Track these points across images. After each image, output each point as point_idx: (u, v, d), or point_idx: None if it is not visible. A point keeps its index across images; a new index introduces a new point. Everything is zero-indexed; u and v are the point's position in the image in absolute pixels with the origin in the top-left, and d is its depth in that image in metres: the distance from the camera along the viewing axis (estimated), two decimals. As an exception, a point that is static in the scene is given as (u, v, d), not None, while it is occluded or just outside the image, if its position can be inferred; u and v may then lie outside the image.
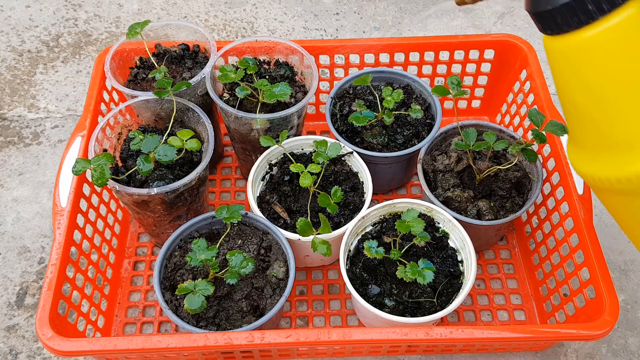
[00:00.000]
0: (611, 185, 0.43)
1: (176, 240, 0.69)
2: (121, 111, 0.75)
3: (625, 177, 0.42)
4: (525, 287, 0.79)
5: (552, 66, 0.45)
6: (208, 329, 0.64)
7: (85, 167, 0.64)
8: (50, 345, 0.58)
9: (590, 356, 0.73)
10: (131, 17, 1.13)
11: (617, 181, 0.42)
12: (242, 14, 1.14)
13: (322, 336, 0.59)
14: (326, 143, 0.74)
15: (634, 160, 0.41)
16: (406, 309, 0.67)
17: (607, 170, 0.43)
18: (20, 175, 0.90)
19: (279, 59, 0.82)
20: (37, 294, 0.78)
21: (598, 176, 0.44)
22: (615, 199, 0.46)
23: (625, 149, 0.42)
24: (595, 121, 0.44)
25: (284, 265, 0.68)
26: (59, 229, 0.67)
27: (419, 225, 0.67)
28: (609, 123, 0.43)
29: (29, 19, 1.12)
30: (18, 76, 1.03)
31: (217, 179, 0.90)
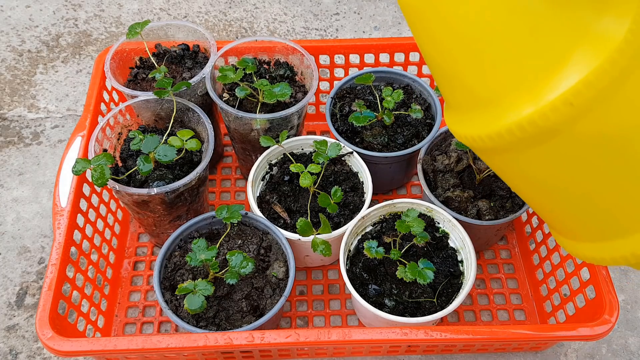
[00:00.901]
0: (485, 144, 0.41)
1: (176, 240, 0.69)
2: (121, 111, 0.75)
3: (496, 133, 0.40)
4: (525, 287, 0.79)
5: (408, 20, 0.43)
6: (208, 329, 0.64)
7: (85, 167, 0.64)
8: (50, 345, 0.58)
9: (590, 356, 0.73)
10: (131, 17, 1.13)
11: (489, 138, 0.41)
12: (242, 14, 1.14)
13: (322, 336, 0.59)
14: (326, 143, 0.74)
15: (501, 114, 0.39)
16: (406, 309, 0.67)
17: (478, 128, 0.42)
18: (20, 175, 0.90)
19: (279, 59, 0.82)
20: (37, 294, 0.78)
21: (471, 135, 0.43)
22: (495, 158, 0.44)
23: (492, 104, 0.40)
24: (457, 78, 0.42)
25: (284, 265, 0.68)
26: (59, 229, 0.67)
27: (419, 225, 0.67)
28: (471, 78, 0.41)
29: (29, 19, 1.12)
30: (18, 76, 1.03)
31: (217, 179, 0.90)
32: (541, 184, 0.44)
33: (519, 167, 0.43)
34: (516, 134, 0.38)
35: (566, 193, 0.43)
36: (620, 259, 0.45)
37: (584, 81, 0.35)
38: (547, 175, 0.42)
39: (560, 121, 0.37)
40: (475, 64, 0.40)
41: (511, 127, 0.38)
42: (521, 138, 0.38)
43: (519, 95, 0.38)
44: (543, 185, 0.44)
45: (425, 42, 0.43)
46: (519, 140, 0.39)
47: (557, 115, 0.36)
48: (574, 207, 0.44)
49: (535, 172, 0.42)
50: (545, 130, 0.37)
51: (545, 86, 0.37)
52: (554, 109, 0.36)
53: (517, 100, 0.38)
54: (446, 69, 0.43)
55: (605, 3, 0.37)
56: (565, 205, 0.45)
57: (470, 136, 0.43)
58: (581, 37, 0.36)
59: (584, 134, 0.37)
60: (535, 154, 0.40)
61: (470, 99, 0.42)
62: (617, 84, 0.36)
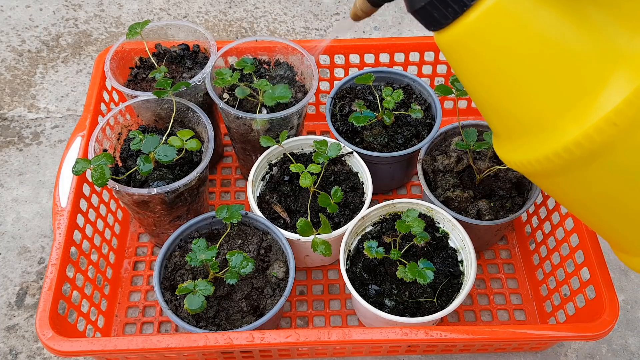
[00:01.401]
0: (534, 168, 0.43)
1: (176, 240, 0.69)
2: (121, 111, 0.75)
3: (544, 157, 0.41)
4: (525, 287, 0.79)
5: (449, 62, 0.44)
6: (208, 329, 0.64)
7: (85, 167, 0.64)
8: (50, 345, 0.58)
9: (590, 356, 0.73)
10: (131, 17, 1.13)
11: (538, 162, 0.42)
12: (242, 14, 1.14)
13: (322, 336, 0.59)
14: (326, 143, 0.74)
15: (548, 139, 0.41)
16: (406, 309, 0.67)
17: (527, 154, 0.43)
18: (20, 175, 0.90)
19: (279, 59, 0.82)
20: (37, 294, 0.78)
21: (521, 161, 0.44)
22: (547, 181, 0.46)
23: (539, 130, 0.41)
24: (502, 109, 0.44)
25: (284, 265, 0.68)
26: (59, 229, 0.67)
27: (419, 225, 0.67)
28: (514, 107, 0.42)
29: (29, 19, 1.12)
30: (18, 76, 1.03)
31: (217, 179, 0.90)
32: (594, 203, 0.45)
33: (570, 188, 0.45)
34: (564, 157, 0.40)
35: (620, 210, 0.45)
36: None
37: (625, 101, 0.37)
38: (599, 194, 0.43)
39: (605, 141, 0.38)
40: (518, 95, 0.41)
41: (558, 150, 0.40)
42: (569, 160, 0.40)
43: (564, 120, 0.40)
44: (596, 204, 0.46)
45: (468, 79, 0.44)
46: (567, 162, 0.40)
47: (602, 136, 0.38)
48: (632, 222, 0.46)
49: (586, 192, 0.44)
50: (592, 152, 0.39)
51: (589, 109, 0.38)
52: (599, 130, 0.38)
53: (563, 124, 0.40)
54: (491, 103, 0.44)
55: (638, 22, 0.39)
56: (622, 221, 0.46)
57: (520, 162, 0.44)
58: (619, 59, 0.38)
59: (630, 151, 0.39)
60: (584, 174, 0.42)
61: (517, 127, 0.44)
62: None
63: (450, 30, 0.41)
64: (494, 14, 0.38)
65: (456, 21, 0.40)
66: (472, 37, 0.40)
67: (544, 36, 0.38)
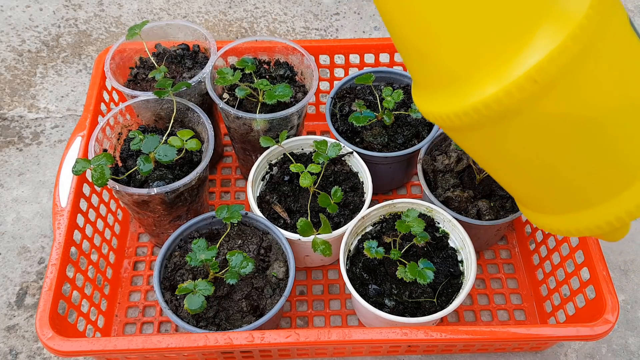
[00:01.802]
0: (452, 122, 0.41)
1: (176, 240, 0.69)
2: (121, 111, 0.75)
3: (463, 111, 0.40)
4: (525, 287, 0.79)
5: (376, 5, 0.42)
6: (208, 329, 0.64)
7: (85, 167, 0.64)
8: (50, 345, 0.58)
9: (590, 356, 0.73)
10: (131, 17, 1.13)
11: (456, 116, 0.40)
12: (242, 14, 1.14)
13: (322, 336, 0.59)
14: (326, 143, 0.74)
15: (468, 92, 0.39)
16: (406, 309, 0.67)
17: (446, 106, 0.41)
18: (20, 175, 0.90)
19: (279, 59, 0.82)
20: (37, 294, 0.78)
21: (439, 113, 0.42)
22: (463, 136, 0.44)
23: (459, 82, 0.40)
24: (423, 54, 0.41)
25: (284, 265, 0.68)
26: (59, 229, 0.67)
27: (419, 225, 0.67)
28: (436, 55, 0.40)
29: (29, 19, 1.12)
30: (18, 76, 1.03)
31: (217, 179, 0.90)
32: (508, 160, 0.44)
33: (486, 144, 0.43)
34: (483, 112, 0.38)
35: (533, 168, 0.43)
36: (584, 230, 0.45)
37: (547, 58, 0.35)
38: (514, 151, 0.42)
39: (525, 98, 0.37)
40: (441, 41, 0.39)
41: (477, 105, 0.38)
42: (488, 116, 0.39)
43: (485, 73, 0.38)
44: (510, 161, 0.44)
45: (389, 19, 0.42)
46: (485, 118, 0.39)
47: (522, 93, 0.36)
48: (541, 181, 0.45)
49: (501, 149, 0.43)
50: (511, 108, 0.37)
51: (510, 64, 0.37)
52: (519, 87, 0.36)
53: (483, 78, 0.38)
54: (412, 46, 0.42)
55: None
56: (532, 179, 0.45)
57: (438, 114, 0.43)
58: (543, 15, 0.36)
59: (548, 111, 0.38)
60: (502, 131, 0.40)
61: (437, 76, 0.42)
62: (579, 60, 0.36)
63: None
64: None
65: None
66: None
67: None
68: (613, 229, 0.45)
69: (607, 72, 0.38)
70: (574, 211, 0.46)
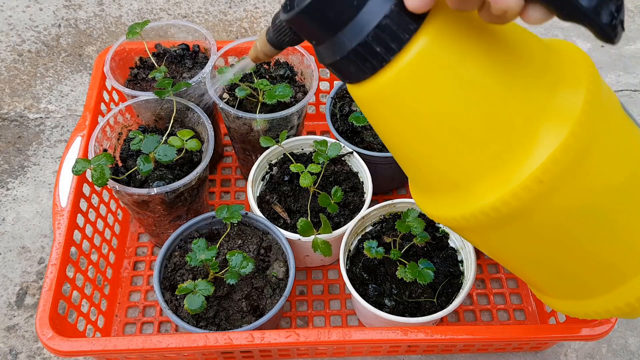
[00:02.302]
0: (458, 223, 0.41)
1: (176, 240, 0.69)
2: (121, 111, 0.75)
3: (470, 214, 0.39)
4: (525, 287, 0.79)
5: (364, 112, 0.41)
6: (208, 329, 0.64)
7: (85, 167, 0.64)
8: (50, 345, 0.58)
9: (590, 356, 0.73)
10: (131, 17, 1.13)
11: (463, 219, 0.40)
12: (242, 14, 1.14)
13: (322, 336, 0.59)
14: (326, 143, 0.74)
15: (473, 197, 0.39)
16: (406, 309, 0.67)
17: (450, 210, 0.41)
18: (20, 175, 0.90)
19: (278, 59, 0.82)
20: (37, 294, 0.78)
21: (444, 216, 0.42)
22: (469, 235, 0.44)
23: (463, 188, 0.39)
24: (423, 165, 0.41)
25: (284, 265, 0.68)
26: (59, 229, 0.67)
27: (419, 225, 0.67)
28: (437, 165, 0.40)
29: (29, 19, 1.12)
30: (18, 76, 1.03)
31: (217, 179, 0.90)
32: (517, 254, 0.44)
33: (494, 242, 0.43)
34: (490, 215, 0.38)
35: (545, 260, 0.44)
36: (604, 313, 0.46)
37: (550, 158, 0.36)
38: (523, 246, 0.42)
39: (532, 198, 0.37)
40: (440, 153, 0.39)
41: (484, 209, 0.38)
42: (496, 217, 0.39)
43: (490, 178, 0.38)
44: (519, 255, 0.44)
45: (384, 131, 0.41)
46: (493, 219, 0.39)
47: (529, 194, 0.37)
48: (554, 271, 0.45)
49: (510, 245, 0.43)
50: (519, 209, 0.38)
51: (515, 167, 0.37)
52: (525, 188, 0.36)
53: (489, 182, 0.38)
54: (411, 158, 0.42)
55: (558, 77, 0.38)
56: (545, 270, 0.46)
57: (443, 217, 0.42)
58: (541, 115, 0.36)
59: (556, 206, 0.38)
60: (510, 229, 0.40)
61: (438, 183, 0.41)
62: (581, 155, 0.36)
63: (366, 85, 0.37)
64: (413, 68, 0.35)
65: (374, 76, 0.36)
66: (391, 91, 0.37)
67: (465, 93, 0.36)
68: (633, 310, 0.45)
69: (608, 159, 0.38)
70: (589, 297, 0.46)
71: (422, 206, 0.45)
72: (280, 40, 0.42)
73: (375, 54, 0.35)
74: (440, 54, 0.35)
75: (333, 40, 0.36)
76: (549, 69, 0.38)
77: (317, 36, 0.37)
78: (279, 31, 0.41)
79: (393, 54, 0.35)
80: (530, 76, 0.37)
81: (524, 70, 0.37)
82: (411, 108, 0.37)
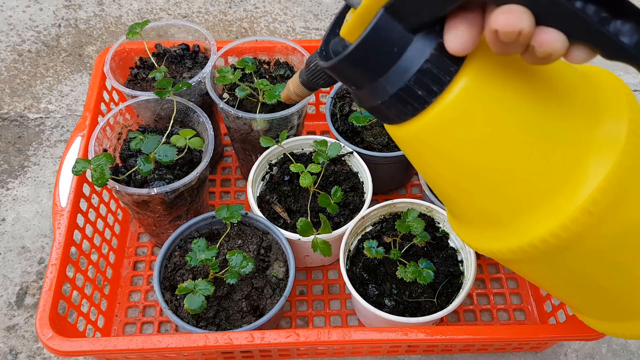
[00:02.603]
0: (505, 256, 0.41)
1: (176, 240, 0.69)
2: (121, 111, 0.75)
3: (518, 247, 0.39)
4: (525, 287, 0.79)
5: (404, 152, 0.41)
6: (208, 329, 0.64)
7: (85, 167, 0.64)
8: (50, 345, 0.58)
9: (590, 356, 0.73)
10: (131, 17, 1.13)
11: (510, 252, 0.40)
12: (242, 14, 1.14)
13: (322, 336, 0.59)
14: (326, 143, 0.74)
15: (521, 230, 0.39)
16: (406, 309, 0.67)
17: (497, 243, 0.41)
18: (20, 175, 0.90)
19: (278, 59, 0.82)
20: (37, 294, 0.78)
21: (489, 249, 0.42)
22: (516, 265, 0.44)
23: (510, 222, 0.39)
24: (467, 201, 0.41)
25: (284, 265, 0.68)
26: (59, 229, 0.67)
27: (419, 225, 0.67)
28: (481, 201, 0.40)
29: (29, 19, 1.12)
30: (18, 76, 1.03)
31: (217, 179, 0.90)
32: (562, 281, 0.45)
33: (539, 270, 0.44)
34: (539, 247, 0.38)
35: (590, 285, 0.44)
36: None
37: (598, 189, 0.36)
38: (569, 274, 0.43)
39: (581, 230, 0.37)
40: (484, 190, 0.39)
41: (533, 242, 0.38)
42: (544, 250, 0.39)
43: (537, 212, 0.38)
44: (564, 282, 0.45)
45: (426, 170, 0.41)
46: (541, 252, 0.39)
47: (578, 225, 0.37)
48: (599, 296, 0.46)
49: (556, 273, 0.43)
50: (568, 240, 0.38)
51: (563, 200, 0.37)
52: (574, 220, 0.37)
53: (536, 216, 0.38)
54: (454, 195, 0.42)
55: (599, 107, 0.38)
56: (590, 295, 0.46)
57: (489, 249, 0.42)
58: (586, 147, 0.37)
59: (605, 235, 0.38)
60: (557, 259, 0.40)
61: (480, 218, 0.42)
62: (628, 183, 0.37)
63: (407, 125, 0.37)
64: (456, 108, 0.35)
65: (415, 117, 0.37)
66: (433, 131, 0.37)
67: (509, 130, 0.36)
68: None
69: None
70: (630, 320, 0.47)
71: (464, 237, 0.45)
72: (315, 83, 0.43)
73: (417, 97, 0.35)
74: (482, 92, 0.35)
75: (374, 85, 0.36)
76: (589, 99, 0.38)
77: (357, 82, 0.37)
78: (314, 74, 0.42)
79: (435, 96, 0.35)
80: (572, 108, 0.37)
81: (565, 103, 0.37)
82: (454, 147, 0.37)
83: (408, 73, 0.34)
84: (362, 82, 0.37)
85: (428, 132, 0.37)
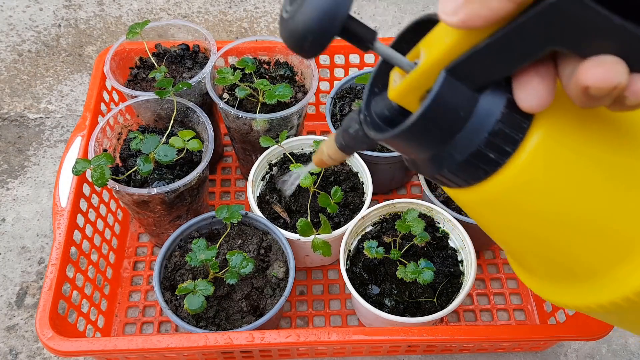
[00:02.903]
0: (592, 310, 0.39)
1: (176, 240, 0.69)
2: (121, 111, 0.75)
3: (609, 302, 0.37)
4: (525, 287, 0.79)
5: (466, 211, 0.38)
6: (208, 329, 0.64)
7: (85, 167, 0.64)
8: (51, 345, 0.58)
9: (590, 356, 0.73)
10: (131, 17, 1.13)
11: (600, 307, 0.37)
12: (242, 14, 1.14)
13: (322, 336, 0.59)
14: (326, 143, 0.74)
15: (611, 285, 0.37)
16: (406, 309, 0.67)
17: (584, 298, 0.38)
18: (20, 175, 0.90)
19: (279, 59, 0.82)
20: (37, 294, 0.78)
21: (574, 305, 0.39)
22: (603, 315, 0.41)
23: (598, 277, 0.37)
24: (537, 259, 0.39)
25: (284, 265, 0.68)
26: (59, 229, 0.67)
27: (419, 225, 0.67)
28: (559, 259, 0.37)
29: (29, 19, 1.12)
30: (18, 76, 1.03)
31: (217, 179, 0.90)
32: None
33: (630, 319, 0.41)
34: (634, 300, 0.36)
35: None
36: None
37: None
38: None
39: None
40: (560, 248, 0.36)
41: (627, 296, 0.36)
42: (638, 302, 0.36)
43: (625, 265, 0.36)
44: None
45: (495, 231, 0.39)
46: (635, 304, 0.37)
47: None
48: None
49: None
50: None
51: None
52: None
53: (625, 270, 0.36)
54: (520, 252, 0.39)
55: None
56: None
57: (573, 305, 0.40)
58: None
59: None
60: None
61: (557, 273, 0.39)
62: None
63: (476, 189, 0.35)
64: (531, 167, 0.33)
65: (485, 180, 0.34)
66: (505, 193, 0.34)
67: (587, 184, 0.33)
68: None
69: None
70: None
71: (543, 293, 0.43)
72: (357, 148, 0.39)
73: (489, 161, 0.32)
74: (557, 144, 0.32)
75: (437, 154, 0.33)
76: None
77: (418, 152, 0.33)
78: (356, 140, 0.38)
79: (508, 156, 0.32)
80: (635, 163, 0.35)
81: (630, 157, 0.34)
82: (528, 208, 0.35)
83: (478, 137, 0.31)
84: (424, 152, 0.34)
85: (502, 193, 0.34)
